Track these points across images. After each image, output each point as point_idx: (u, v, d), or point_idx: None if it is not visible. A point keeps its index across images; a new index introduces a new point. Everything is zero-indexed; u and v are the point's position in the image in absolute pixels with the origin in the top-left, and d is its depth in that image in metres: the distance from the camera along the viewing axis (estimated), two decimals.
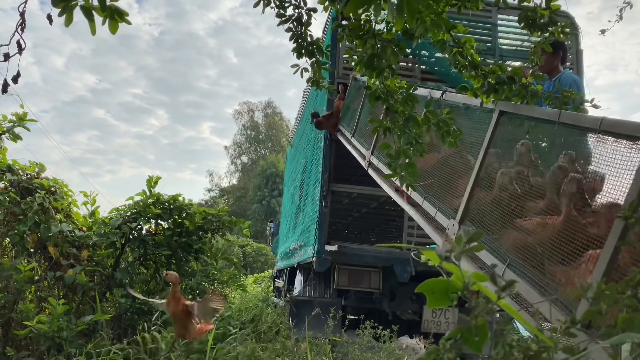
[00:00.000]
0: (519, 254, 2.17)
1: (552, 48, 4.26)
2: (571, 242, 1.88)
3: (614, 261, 1.60)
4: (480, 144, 2.75)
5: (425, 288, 1.04)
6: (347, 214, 9.10)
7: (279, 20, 2.56)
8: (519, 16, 2.51)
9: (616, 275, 1.59)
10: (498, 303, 0.97)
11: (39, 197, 5.14)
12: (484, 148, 2.69)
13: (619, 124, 1.81)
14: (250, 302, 6.57)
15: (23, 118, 5.32)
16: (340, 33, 2.58)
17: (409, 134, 2.55)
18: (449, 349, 0.96)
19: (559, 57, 4.14)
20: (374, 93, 2.67)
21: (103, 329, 4.62)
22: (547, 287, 1.94)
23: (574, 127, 2.09)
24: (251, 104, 46.51)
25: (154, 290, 5.88)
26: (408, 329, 6.31)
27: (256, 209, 36.84)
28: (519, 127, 2.63)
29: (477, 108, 2.89)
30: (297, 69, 2.78)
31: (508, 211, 2.36)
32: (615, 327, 0.99)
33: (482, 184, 2.69)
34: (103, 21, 1.73)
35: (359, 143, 5.03)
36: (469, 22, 6.02)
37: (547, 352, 0.96)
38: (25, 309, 4.67)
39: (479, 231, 1.01)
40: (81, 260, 5.33)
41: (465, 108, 3.09)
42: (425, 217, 3.24)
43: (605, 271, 1.61)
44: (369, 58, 2.48)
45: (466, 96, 2.98)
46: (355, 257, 5.89)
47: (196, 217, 6.00)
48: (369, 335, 4.64)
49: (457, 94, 3.39)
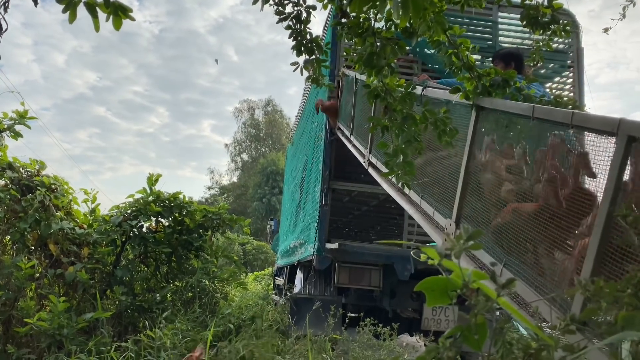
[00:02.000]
0: (512, 248, 2.18)
1: (505, 59, 4.24)
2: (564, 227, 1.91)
3: (600, 256, 1.62)
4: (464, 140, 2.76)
5: (424, 286, 1.04)
6: (348, 212, 9.10)
7: (278, 17, 2.56)
8: (521, 14, 2.51)
9: (605, 270, 1.61)
10: (498, 301, 0.97)
11: (39, 194, 5.15)
12: (467, 145, 2.70)
13: (589, 119, 1.84)
14: (251, 300, 6.56)
15: (24, 115, 5.32)
16: (340, 31, 2.57)
17: (407, 133, 2.55)
18: (449, 347, 0.96)
19: (512, 68, 4.05)
20: (373, 91, 2.66)
21: (104, 327, 4.62)
22: (543, 287, 1.95)
23: (547, 122, 2.12)
24: (252, 102, 46.50)
25: (154, 288, 5.89)
26: (408, 327, 6.31)
27: (256, 207, 36.86)
28: (501, 123, 2.64)
29: (458, 103, 2.89)
30: (297, 67, 2.77)
31: (501, 207, 2.37)
32: (615, 325, 0.99)
33: (472, 182, 2.69)
34: (107, 17, 1.72)
35: (357, 141, 5.03)
36: (469, 20, 6.01)
37: (547, 351, 0.96)
38: (26, 306, 4.68)
39: (478, 230, 1.01)
40: (82, 257, 5.34)
41: (446, 102, 3.08)
42: (425, 216, 3.24)
43: (592, 269, 1.63)
44: (368, 56, 2.47)
45: (446, 92, 2.97)
46: (355, 255, 5.89)
47: (197, 215, 6.01)
48: (369, 333, 4.64)
49: (437, 89, 3.39)
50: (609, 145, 1.71)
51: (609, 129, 1.68)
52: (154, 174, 6.07)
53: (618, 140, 1.63)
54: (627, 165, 1.60)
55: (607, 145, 1.73)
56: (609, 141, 1.71)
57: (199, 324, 5.19)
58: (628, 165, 1.61)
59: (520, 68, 4.19)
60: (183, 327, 4.71)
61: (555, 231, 1.92)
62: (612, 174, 1.63)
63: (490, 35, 6.29)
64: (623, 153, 1.60)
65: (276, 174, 36.15)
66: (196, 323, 5.19)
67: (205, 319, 5.32)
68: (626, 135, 1.60)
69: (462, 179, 2.72)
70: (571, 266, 1.80)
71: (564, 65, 6.24)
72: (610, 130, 1.67)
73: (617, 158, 1.61)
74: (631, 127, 1.59)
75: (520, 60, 4.25)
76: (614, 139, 1.66)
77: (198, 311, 5.42)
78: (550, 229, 1.96)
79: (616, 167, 1.61)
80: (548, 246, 1.96)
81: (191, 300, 5.72)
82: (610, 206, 1.59)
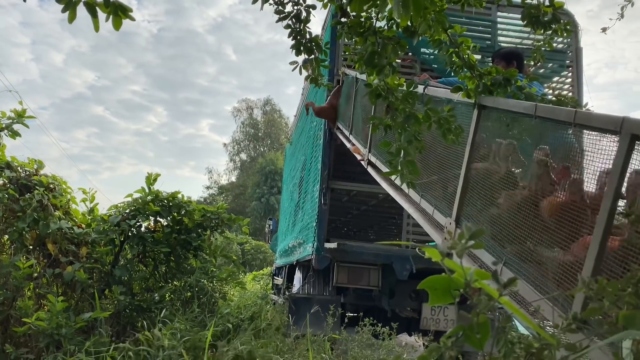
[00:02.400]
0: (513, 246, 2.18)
1: (506, 58, 4.24)
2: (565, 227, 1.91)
3: (601, 255, 1.62)
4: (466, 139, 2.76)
5: (427, 285, 1.03)
6: (347, 212, 9.09)
7: (278, 17, 2.55)
8: (522, 13, 2.50)
9: (606, 268, 1.61)
10: (500, 300, 0.96)
11: (37, 194, 5.13)
12: (469, 144, 2.69)
13: (592, 117, 1.84)
14: (249, 300, 6.57)
15: (22, 115, 5.31)
16: (340, 30, 2.57)
17: (409, 132, 2.55)
18: (451, 346, 0.96)
19: (514, 67, 4.04)
20: (374, 91, 2.66)
21: (102, 326, 4.61)
22: (543, 286, 1.95)
23: (550, 120, 2.11)
24: (250, 102, 46.47)
25: (152, 288, 5.88)
26: (407, 327, 6.31)
27: (255, 207, 36.84)
28: (501, 122, 2.64)
29: (459, 102, 2.89)
30: (296, 66, 2.77)
31: (502, 208, 2.37)
32: (616, 324, 0.99)
33: (473, 180, 2.69)
34: (107, 17, 1.72)
35: (356, 140, 5.02)
36: (468, 19, 6.01)
37: (549, 350, 0.95)
38: (24, 306, 4.67)
39: (480, 229, 1.00)
40: (80, 257, 5.33)
41: (448, 102, 3.08)
42: (424, 215, 3.24)
43: (593, 268, 1.63)
44: (369, 55, 2.47)
45: (447, 91, 2.97)
46: (354, 254, 5.89)
47: (195, 215, 6.00)
48: (368, 333, 4.64)
49: (438, 88, 3.39)
50: (612, 144, 1.71)
51: (612, 127, 1.68)
52: (152, 174, 6.07)
53: (621, 139, 1.63)
54: (629, 164, 1.60)
55: (609, 144, 1.73)
56: (612, 140, 1.71)
57: (197, 323, 5.19)
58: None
59: (521, 67, 4.20)
60: (182, 326, 4.71)
61: (558, 230, 1.92)
62: (615, 173, 1.62)
63: (489, 35, 6.30)
64: (626, 151, 1.60)
65: (275, 173, 36.13)
66: (195, 323, 5.18)
67: (204, 318, 5.31)
68: (629, 134, 1.60)
69: (462, 178, 2.72)
70: (573, 265, 1.80)
71: (563, 65, 6.25)
72: (614, 129, 1.67)
73: (620, 156, 1.61)
74: (634, 125, 1.59)
75: (521, 59, 4.25)
76: (616, 137, 1.66)
77: (197, 311, 5.41)
78: (551, 227, 1.96)
79: (619, 166, 1.61)
80: (550, 245, 1.96)
81: (190, 300, 5.71)
82: (612, 204, 1.59)
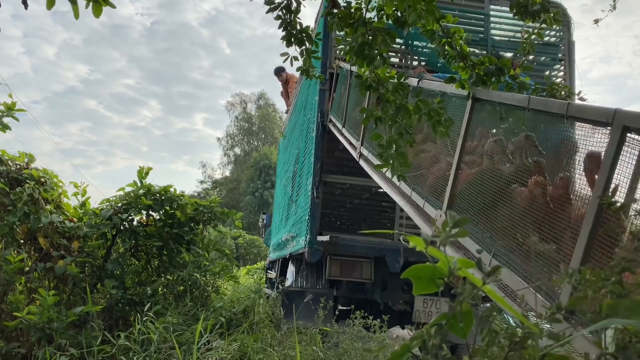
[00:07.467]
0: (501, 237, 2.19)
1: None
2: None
3: (590, 246, 1.63)
4: (458, 131, 2.76)
5: (411, 274, 1.03)
6: (340, 205, 9.10)
7: (268, 7, 2.54)
8: (511, 3, 2.50)
9: (595, 255, 1.62)
10: (483, 289, 0.96)
11: (28, 187, 5.10)
12: (461, 136, 2.70)
13: (584, 109, 1.85)
14: (243, 294, 6.56)
15: (12, 108, 5.26)
16: (331, 21, 2.56)
17: (399, 124, 2.54)
18: (434, 334, 0.96)
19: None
20: (364, 82, 2.65)
21: (94, 320, 4.60)
22: (530, 277, 1.96)
23: (543, 113, 2.12)
24: (244, 96, 46.32)
25: (145, 281, 5.86)
26: (399, 320, 6.33)
27: (249, 201, 36.80)
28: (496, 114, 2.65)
29: (452, 95, 2.89)
30: (287, 58, 2.76)
31: (492, 199, 2.37)
32: (600, 313, 0.99)
33: (464, 173, 2.69)
34: (86, 4, 1.70)
35: (349, 134, 5.01)
36: (460, 12, 6.00)
37: (532, 339, 0.95)
38: (15, 300, 4.64)
39: (464, 217, 1.00)
40: (72, 251, 5.30)
41: (442, 95, 3.08)
42: (415, 208, 3.24)
43: (582, 258, 1.64)
44: (359, 46, 2.46)
45: (441, 83, 2.97)
46: (347, 247, 5.90)
47: (187, 208, 5.98)
48: (360, 325, 4.65)
49: (433, 81, 3.38)
50: (603, 136, 1.71)
51: (604, 119, 1.69)
52: (144, 167, 6.04)
53: (613, 131, 1.64)
54: (620, 155, 1.61)
55: (600, 136, 1.74)
56: (603, 132, 1.71)
57: (190, 317, 5.18)
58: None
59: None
60: (174, 320, 4.70)
61: (547, 221, 1.93)
62: (606, 164, 1.63)
63: (482, 28, 6.29)
64: (617, 143, 1.61)
65: (269, 167, 36.08)
66: (187, 317, 5.17)
67: (196, 312, 5.30)
68: (621, 126, 1.61)
69: (454, 170, 2.72)
70: (560, 255, 1.80)
71: (555, 58, 6.27)
72: (606, 121, 1.68)
73: (612, 148, 1.62)
74: (626, 117, 1.60)
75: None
76: (608, 129, 1.67)
77: (189, 305, 5.40)
78: (541, 218, 1.96)
79: (610, 157, 1.62)
80: (538, 235, 1.96)
81: (182, 293, 5.70)
82: (602, 195, 1.59)
